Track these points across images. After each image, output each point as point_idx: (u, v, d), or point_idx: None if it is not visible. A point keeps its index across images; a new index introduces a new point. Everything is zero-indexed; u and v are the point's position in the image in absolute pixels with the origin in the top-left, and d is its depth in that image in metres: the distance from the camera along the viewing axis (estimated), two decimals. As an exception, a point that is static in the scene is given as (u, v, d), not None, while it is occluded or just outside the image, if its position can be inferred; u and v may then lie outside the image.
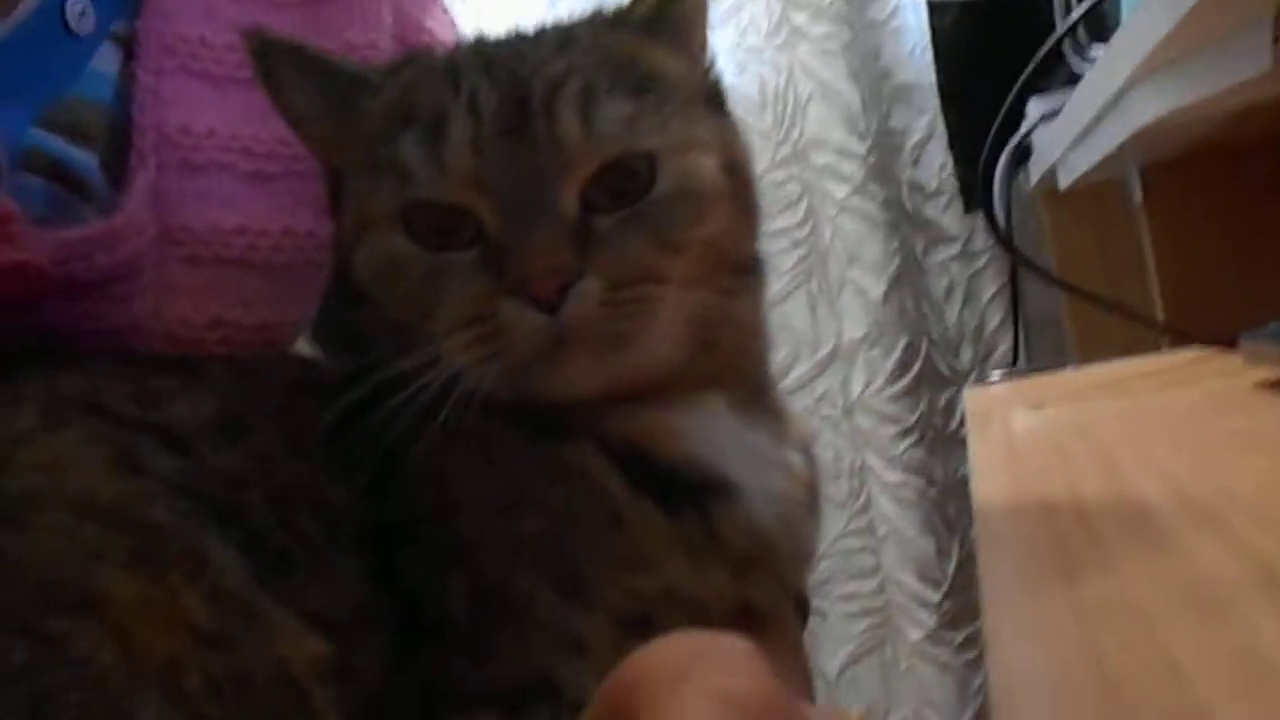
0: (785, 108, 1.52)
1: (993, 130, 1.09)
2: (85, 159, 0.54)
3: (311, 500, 0.45)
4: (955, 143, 1.39)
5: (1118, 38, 0.69)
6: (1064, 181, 1.02)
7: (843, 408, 1.53)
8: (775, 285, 1.64)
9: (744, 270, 0.51)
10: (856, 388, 1.50)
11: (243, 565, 0.40)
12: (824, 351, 1.56)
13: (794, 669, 0.53)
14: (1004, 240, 1.13)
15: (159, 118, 0.54)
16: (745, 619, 0.47)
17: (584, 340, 0.44)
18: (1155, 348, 0.95)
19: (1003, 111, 1.04)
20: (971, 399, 0.90)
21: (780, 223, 1.56)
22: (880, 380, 1.48)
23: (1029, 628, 0.17)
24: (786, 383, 1.58)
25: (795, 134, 1.52)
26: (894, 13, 1.50)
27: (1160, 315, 0.94)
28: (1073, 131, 0.89)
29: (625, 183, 0.46)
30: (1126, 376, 0.83)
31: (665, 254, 0.46)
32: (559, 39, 0.49)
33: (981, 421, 0.75)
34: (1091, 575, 0.20)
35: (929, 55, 1.41)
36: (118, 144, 0.54)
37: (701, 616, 0.46)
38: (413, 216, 0.47)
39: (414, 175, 0.46)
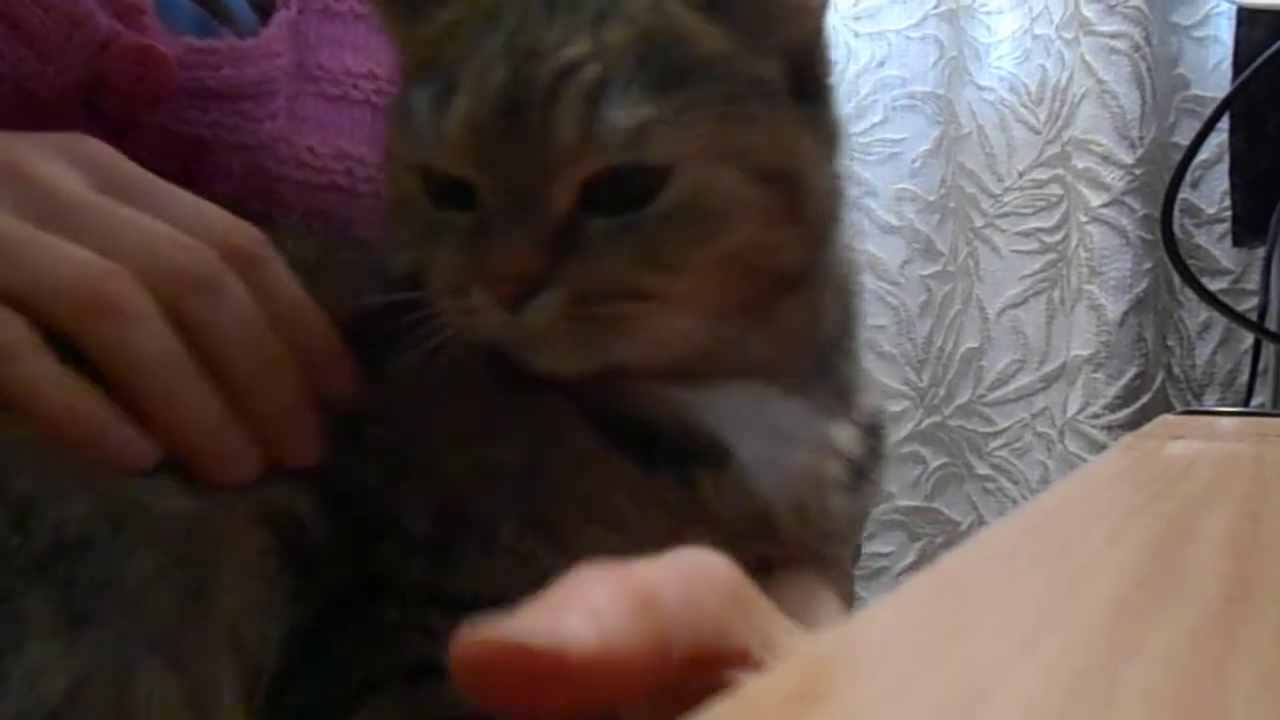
0: (1061, 105, 1.44)
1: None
2: None
3: None
4: (1237, 169, 1.28)
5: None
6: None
7: (1058, 428, 1.45)
8: (1015, 288, 1.57)
9: (789, 280, 0.46)
10: (1072, 409, 1.42)
11: None
12: (1051, 366, 1.48)
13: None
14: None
15: None
16: None
17: (552, 340, 0.43)
18: None
19: None
20: (1161, 422, 0.84)
21: (1034, 223, 1.49)
22: (1097, 406, 1.39)
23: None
24: (1007, 391, 1.51)
25: (1066, 134, 1.44)
26: (1204, 20, 1.39)
27: None
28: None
29: (629, 188, 0.42)
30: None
31: (656, 272, 0.42)
32: (606, 2, 0.43)
33: (1139, 439, 0.70)
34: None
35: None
36: None
37: None
38: (424, 172, 0.45)
39: (422, 138, 0.43)
